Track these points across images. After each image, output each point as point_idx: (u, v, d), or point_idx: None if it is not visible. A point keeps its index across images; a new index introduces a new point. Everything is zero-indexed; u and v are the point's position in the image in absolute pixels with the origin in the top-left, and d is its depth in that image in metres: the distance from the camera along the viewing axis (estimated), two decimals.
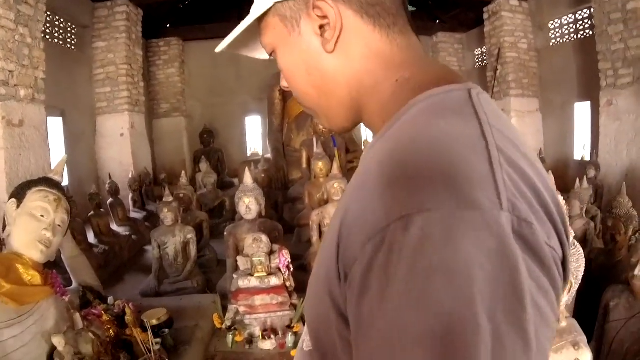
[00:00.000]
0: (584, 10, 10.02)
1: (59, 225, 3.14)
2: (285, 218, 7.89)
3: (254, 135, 14.86)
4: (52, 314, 3.02)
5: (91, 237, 6.91)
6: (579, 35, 10.40)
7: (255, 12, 0.88)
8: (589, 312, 2.43)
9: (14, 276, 2.81)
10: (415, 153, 0.61)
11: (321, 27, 0.82)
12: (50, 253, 3.11)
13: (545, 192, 0.62)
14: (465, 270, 0.52)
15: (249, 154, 14.11)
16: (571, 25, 10.64)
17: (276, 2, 0.84)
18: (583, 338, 2.01)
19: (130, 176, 9.26)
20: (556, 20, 11.00)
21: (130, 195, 9.18)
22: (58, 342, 2.80)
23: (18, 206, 3.10)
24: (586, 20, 10.09)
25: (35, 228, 3.01)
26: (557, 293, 0.61)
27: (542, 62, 11.24)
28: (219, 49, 1.04)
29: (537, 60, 11.20)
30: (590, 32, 9.53)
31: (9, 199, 3.20)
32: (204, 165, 9.69)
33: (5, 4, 5.66)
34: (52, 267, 3.46)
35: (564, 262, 0.64)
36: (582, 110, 10.37)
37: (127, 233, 7.83)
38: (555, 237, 0.62)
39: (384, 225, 0.57)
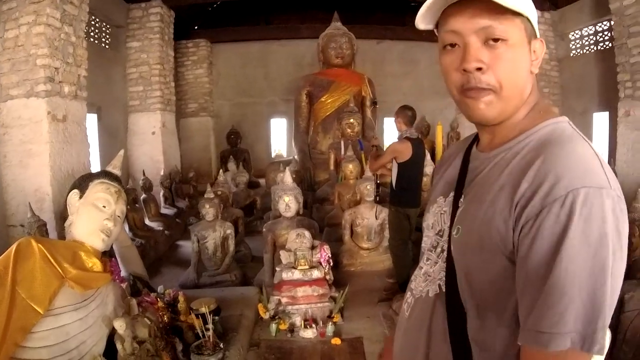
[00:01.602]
0: (604, 23, 10.07)
1: (119, 216, 3.26)
2: (313, 218, 8.03)
3: (279, 137, 15.00)
4: (110, 299, 3.17)
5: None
6: (599, 47, 10.46)
7: (515, 4, 1.08)
8: None
9: (78, 263, 2.93)
10: (571, 159, 1.04)
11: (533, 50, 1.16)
12: (110, 242, 3.23)
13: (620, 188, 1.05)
14: (606, 215, 0.98)
15: (273, 155, 14.25)
16: (591, 37, 10.70)
17: (529, 18, 1.13)
18: None
19: (161, 173, 9.47)
20: (577, 31, 11.06)
21: (162, 192, 9.36)
22: (119, 325, 2.93)
23: (81, 197, 3.21)
24: (606, 32, 10.15)
25: (98, 218, 3.12)
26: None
27: (563, 71, 11.30)
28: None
29: (558, 69, 11.29)
30: (610, 44, 9.59)
31: (70, 189, 3.30)
32: (231, 165, 9.86)
33: (52, 3, 5.87)
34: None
35: None
36: (600, 120, 10.43)
37: (161, 228, 8.01)
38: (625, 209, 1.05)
39: (565, 193, 0.99)
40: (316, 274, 4.64)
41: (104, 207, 3.15)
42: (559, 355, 0.98)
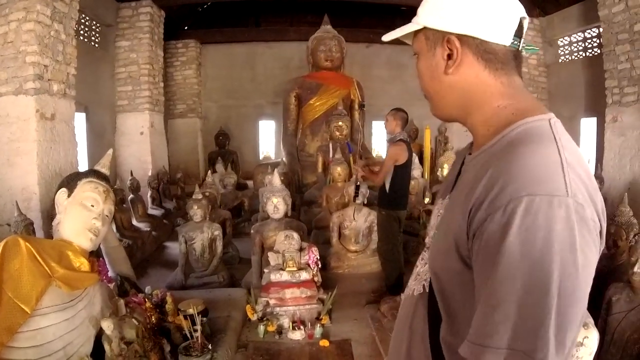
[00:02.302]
0: (593, 29, 10.16)
1: (107, 216, 3.25)
2: (301, 220, 8.03)
3: (267, 139, 15.00)
4: (98, 299, 3.15)
5: None
6: (587, 53, 10.56)
7: (413, 25, 1.29)
8: (591, 310, 2.59)
9: (66, 262, 2.91)
10: (522, 163, 1.00)
11: (448, 55, 1.20)
12: (98, 242, 3.22)
13: (592, 191, 1.00)
14: (552, 225, 0.93)
15: (261, 157, 14.25)
16: (580, 43, 10.80)
17: (425, 27, 1.24)
18: (591, 320, 2.22)
19: (149, 174, 9.45)
20: (565, 38, 11.15)
21: (149, 193, 9.34)
22: (107, 326, 2.92)
23: (69, 196, 3.19)
24: (594, 39, 10.25)
25: (86, 217, 3.10)
26: (596, 247, 1.00)
27: (551, 77, 11.40)
28: (385, 38, 1.43)
29: (546, 75, 11.41)
30: (598, 51, 9.68)
31: (58, 188, 3.28)
32: (219, 166, 9.84)
33: (42, 0, 5.81)
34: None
35: (601, 232, 1.03)
36: (588, 126, 10.52)
37: (148, 229, 7.98)
38: (596, 217, 1.00)
39: (507, 201, 0.96)
40: (304, 275, 4.65)
41: (92, 206, 3.14)
42: None
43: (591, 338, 2.23)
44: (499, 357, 0.94)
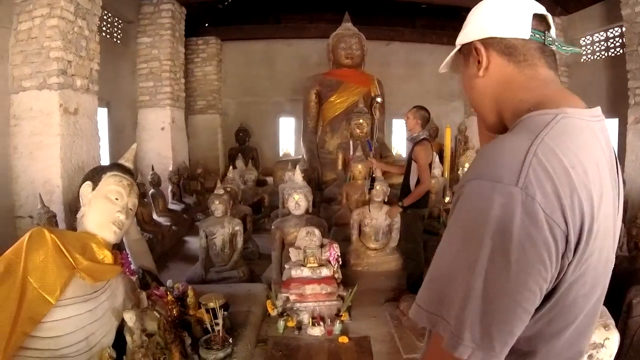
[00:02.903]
0: (615, 29, 10.03)
1: (131, 209, 3.27)
2: (321, 217, 8.04)
3: (287, 136, 14.99)
4: (120, 292, 3.18)
5: None
6: (609, 53, 10.43)
7: (454, 50, 1.39)
8: (612, 313, 2.58)
9: (89, 254, 2.93)
10: (487, 151, 1.05)
11: (479, 61, 1.28)
12: (121, 234, 3.24)
13: (564, 192, 0.95)
14: (487, 209, 0.94)
15: (281, 154, 14.26)
16: (602, 43, 10.66)
17: (461, 45, 1.36)
18: (612, 321, 2.21)
19: (170, 169, 9.51)
20: (587, 37, 11.01)
21: (170, 188, 9.41)
22: (129, 317, 2.93)
23: (93, 189, 3.22)
24: (617, 39, 10.12)
25: (110, 210, 3.13)
26: (549, 250, 0.94)
27: (572, 77, 11.27)
28: (441, 70, 1.53)
29: (567, 75, 11.26)
30: (621, 51, 9.56)
31: (83, 181, 3.30)
32: (239, 162, 9.86)
33: None
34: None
35: (568, 235, 0.96)
36: (609, 127, 10.27)
37: (168, 223, 8.04)
38: (559, 215, 0.95)
39: (463, 183, 1.03)
40: (325, 272, 4.64)
41: (117, 199, 3.16)
42: (431, 332, 1.10)
43: (612, 339, 2.21)
44: (423, 316, 1.04)
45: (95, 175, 3.29)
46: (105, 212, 3.12)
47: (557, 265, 0.97)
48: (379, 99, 8.42)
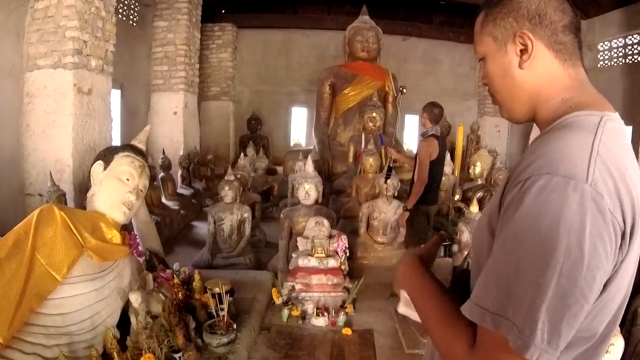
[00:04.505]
0: (635, 36, 9.93)
1: (141, 190, 3.27)
2: (330, 209, 8.04)
3: (299, 126, 14.98)
4: (127, 272, 3.19)
5: None
6: (627, 60, 10.33)
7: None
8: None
9: (98, 233, 2.94)
10: (550, 147, 1.03)
11: (521, 50, 1.21)
12: (131, 215, 3.25)
13: (623, 191, 0.98)
14: (563, 205, 0.93)
15: (292, 144, 14.25)
16: (620, 49, 10.56)
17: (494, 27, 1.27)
18: (617, 328, 2.19)
19: (180, 154, 9.53)
20: (606, 43, 10.91)
21: (180, 172, 9.43)
22: (135, 299, 2.94)
23: (105, 168, 3.22)
24: (636, 46, 10.02)
25: (121, 190, 3.13)
26: (611, 244, 0.97)
27: None
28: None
29: None
30: (639, 58, 9.46)
31: (95, 161, 3.31)
32: (250, 150, 9.84)
33: None
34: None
35: (624, 233, 0.99)
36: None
37: (177, 207, 8.07)
38: (619, 213, 0.97)
39: (529, 176, 0.99)
40: (332, 263, 4.64)
41: (128, 180, 3.18)
42: (483, 332, 1.03)
43: (616, 345, 2.20)
44: (487, 318, 1.00)
45: (107, 155, 3.30)
46: (116, 192, 3.14)
47: (613, 262, 1.00)
48: (404, 90, 8.38)
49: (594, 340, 1.10)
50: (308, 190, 5.52)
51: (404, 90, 8.22)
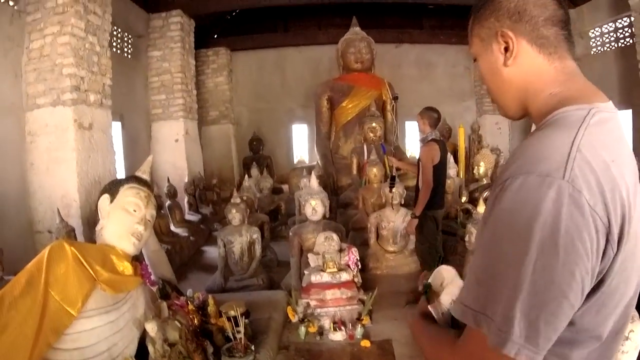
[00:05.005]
0: (624, 19, 9.93)
1: (149, 220, 3.29)
2: (337, 222, 8.03)
3: (300, 143, 15.02)
4: (141, 302, 3.19)
5: None
6: (620, 44, 10.33)
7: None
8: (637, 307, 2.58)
9: (109, 266, 2.96)
10: (530, 147, 1.06)
11: (505, 48, 1.23)
12: (141, 246, 3.26)
13: (607, 186, 0.98)
14: (538, 203, 0.95)
15: (295, 162, 14.27)
16: (611, 34, 10.57)
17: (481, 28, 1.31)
18: (636, 313, 2.18)
19: (185, 180, 9.57)
20: (596, 29, 10.92)
21: (186, 199, 9.46)
22: (151, 328, 2.95)
23: (111, 201, 3.24)
24: (626, 29, 10.02)
25: (128, 222, 3.15)
26: (591, 242, 0.96)
27: (583, 70, 10.83)
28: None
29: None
30: (631, 41, 9.47)
31: (100, 194, 3.34)
32: (254, 171, 9.88)
33: (76, 14, 5.95)
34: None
35: (610, 227, 0.99)
36: (623, 118, 10.21)
37: (186, 234, 8.09)
38: (602, 208, 0.97)
39: (507, 177, 1.01)
40: (344, 276, 4.63)
41: (135, 211, 3.18)
42: (468, 330, 1.07)
43: (637, 332, 2.18)
44: (469, 315, 1.03)
45: (112, 187, 3.32)
46: (124, 223, 3.15)
47: (597, 259, 0.99)
48: (397, 97, 8.41)
49: (604, 339, 1.10)
50: (314, 206, 5.53)
51: (397, 98, 8.25)
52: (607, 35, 10.68)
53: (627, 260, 1.05)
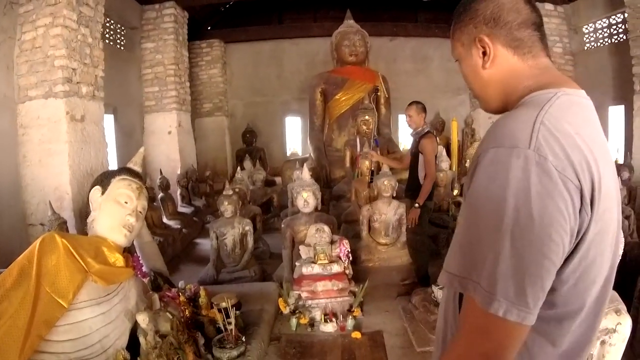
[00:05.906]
0: (618, 15, 9.93)
1: (140, 212, 3.30)
2: (330, 215, 8.05)
3: (294, 136, 15.01)
4: (133, 294, 3.21)
5: None
6: (613, 40, 10.33)
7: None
8: (624, 299, 2.58)
9: (101, 258, 2.97)
10: (499, 125, 1.14)
11: (483, 53, 1.33)
12: (132, 237, 3.27)
13: (573, 152, 1.05)
14: (507, 172, 1.02)
15: (288, 154, 14.27)
16: (605, 30, 10.56)
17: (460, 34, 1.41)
18: (623, 306, 2.23)
19: (178, 172, 9.57)
20: (590, 25, 10.90)
21: (179, 191, 9.46)
22: (142, 319, 2.96)
23: (103, 193, 3.25)
24: (620, 25, 10.02)
25: (120, 213, 3.16)
26: (565, 203, 1.02)
27: (577, 65, 11.13)
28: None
29: (572, 63, 11.11)
30: (625, 37, 9.48)
31: (92, 186, 3.34)
32: (247, 163, 9.88)
33: (68, 5, 5.91)
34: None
35: (582, 191, 1.05)
36: (616, 114, 10.32)
37: (178, 226, 8.09)
38: (571, 172, 1.03)
39: (480, 153, 1.10)
40: (336, 268, 4.66)
41: (126, 202, 3.20)
42: (462, 307, 1.12)
43: (624, 324, 2.22)
44: (455, 282, 1.10)
45: (104, 179, 3.32)
46: (116, 215, 3.16)
47: (575, 219, 1.06)
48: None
49: (583, 315, 1.16)
50: (306, 198, 5.55)
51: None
52: (600, 31, 10.67)
53: (601, 233, 1.12)
